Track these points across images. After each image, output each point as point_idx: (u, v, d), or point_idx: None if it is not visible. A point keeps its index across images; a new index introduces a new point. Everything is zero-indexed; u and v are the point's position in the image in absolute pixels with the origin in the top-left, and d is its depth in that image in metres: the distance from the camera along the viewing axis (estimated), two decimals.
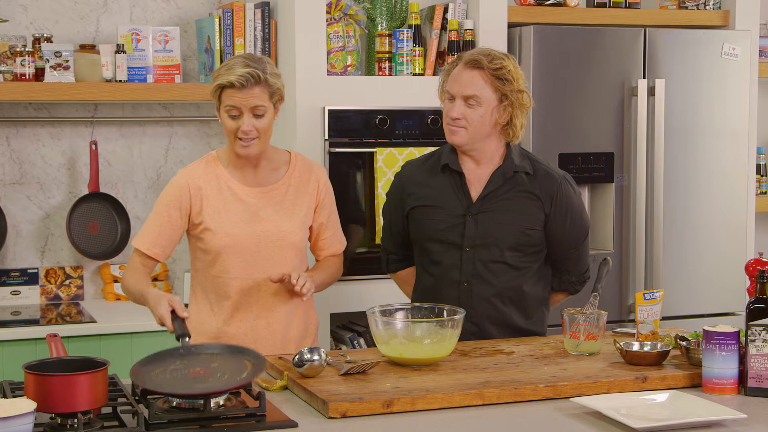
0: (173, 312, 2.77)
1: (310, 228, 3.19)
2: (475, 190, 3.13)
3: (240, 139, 3.00)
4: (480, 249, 3.11)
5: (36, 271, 4.32)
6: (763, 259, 3.03)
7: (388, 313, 2.90)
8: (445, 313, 2.88)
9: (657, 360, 2.76)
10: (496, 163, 3.15)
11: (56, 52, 4.03)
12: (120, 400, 2.43)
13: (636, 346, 2.82)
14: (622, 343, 2.82)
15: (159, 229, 3.08)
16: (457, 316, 2.79)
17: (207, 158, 3.15)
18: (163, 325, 2.81)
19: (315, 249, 3.26)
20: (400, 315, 2.91)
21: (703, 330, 2.63)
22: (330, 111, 4.06)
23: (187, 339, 2.67)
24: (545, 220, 3.13)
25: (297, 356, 2.65)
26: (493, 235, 3.10)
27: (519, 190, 3.12)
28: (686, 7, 4.71)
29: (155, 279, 4.38)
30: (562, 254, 3.20)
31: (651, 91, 4.39)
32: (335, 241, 3.26)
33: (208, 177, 3.09)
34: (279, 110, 3.08)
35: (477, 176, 3.15)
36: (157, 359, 2.52)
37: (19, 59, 3.98)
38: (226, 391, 2.40)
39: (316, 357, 2.64)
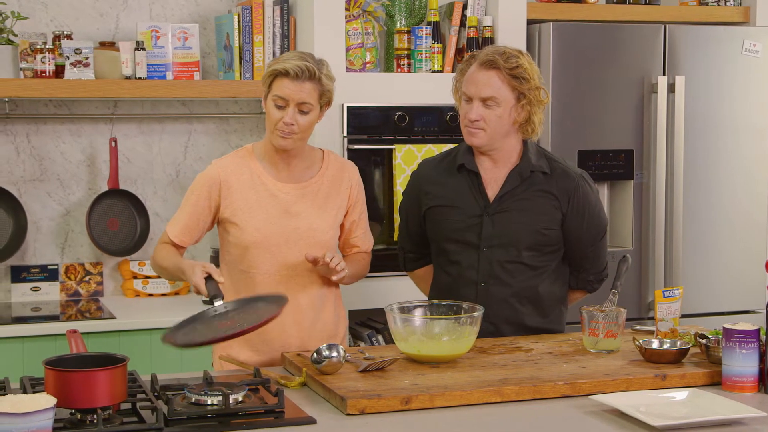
0: (208, 276, 2.82)
1: (341, 226, 3.19)
2: (492, 190, 3.13)
3: (279, 130, 3.00)
4: (497, 249, 3.10)
5: (56, 267, 4.34)
6: None
7: (406, 310, 2.90)
8: (463, 310, 2.88)
9: (676, 358, 2.75)
10: (513, 162, 3.13)
11: (76, 49, 4.05)
12: (139, 396, 2.44)
13: (655, 344, 2.81)
14: (641, 341, 2.81)
15: (188, 218, 3.11)
16: (475, 314, 2.79)
17: (242, 151, 3.15)
18: (198, 292, 2.86)
19: (345, 247, 3.25)
20: (418, 312, 2.91)
21: (723, 328, 2.62)
22: (349, 108, 4.06)
23: (220, 300, 2.74)
24: (562, 219, 3.12)
25: (315, 353, 2.65)
26: (510, 235, 3.09)
27: (536, 189, 3.11)
28: (707, 4, 4.69)
29: None
30: (580, 252, 3.19)
31: (671, 88, 4.38)
32: (366, 239, 3.26)
33: (241, 170, 3.09)
34: (324, 114, 3.09)
35: (494, 176, 3.14)
36: (189, 322, 2.66)
37: (39, 56, 4.00)
38: (250, 329, 2.50)
39: (334, 354, 2.64)
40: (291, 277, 3.08)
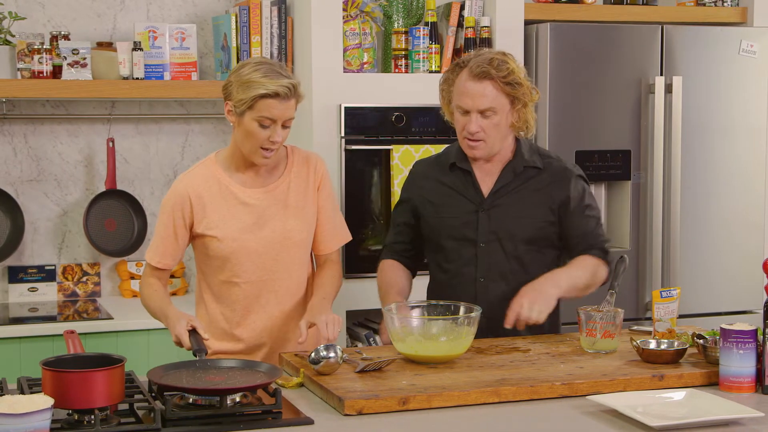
0: (192, 330, 2.78)
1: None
2: (486, 186, 3.16)
3: (265, 149, 2.95)
4: (494, 244, 3.12)
5: (53, 267, 4.34)
6: None
7: (404, 310, 2.90)
8: (461, 310, 2.88)
9: (674, 358, 2.75)
10: (507, 158, 3.16)
11: (74, 49, 4.04)
12: (137, 396, 2.44)
13: (653, 344, 2.81)
14: (638, 341, 2.81)
15: (164, 240, 3.06)
16: (473, 314, 2.79)
17: (206, 162, 3.10)
18: (178, 344, 2.82)
19: (321, 242, 3.16)
20: (416, 312, 2.91)
21: (721, 328, 2.62)
22: (346, 108, 4.06)
23: (203, 354, 2.68)
24: (557, 210, 3.13)
25: (313, 353, 2.65)
26: (506, 229, 3.12)
27: (529, 184, 3.15)
28: (704, 4, 4.69)
29: (172, 276, 4.39)
30: (573, 224, 3.16)
31: (668, 89, 4.38)
32: (341, 232, 3.18)
33: (208, 183, 3.04)
34: None
35: (487, 172, 3.17)
36: (174, 367, 2.55)
37: (36, 57, 4.00)
38: (242, 389, 2.40)
39: (332, 354, 2.64)
40: (273, 282, 3.06)
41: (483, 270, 3.13)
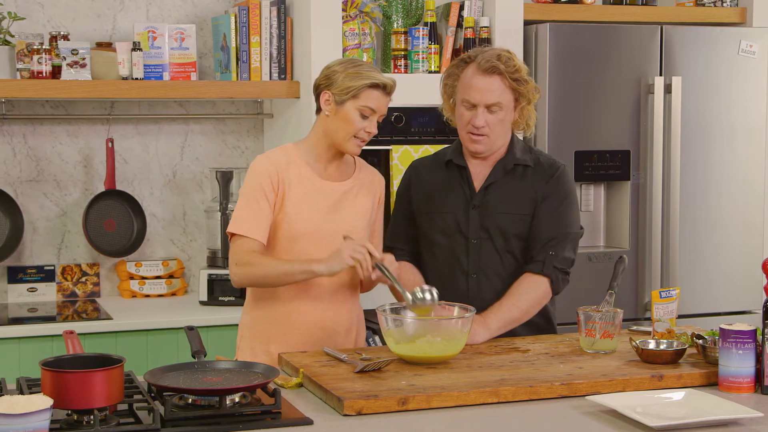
0: (191, 329, 2.78)
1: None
2: (478, 183, 3.19)
3: (359, 138, 3.04)
4: (485, 240, 3.15)
5: (52, 268, 4.34)
6: None
7: (398, 310, 2.91)
8: (455, 311, 2.89)
9: (673, 358, 2.75)
10: (500, 156, 3.19)
11: (73, 50, 4.04)
12: (136, 396, 2.44)
13: (652, 345, 2.81)
14: (638, 342, 2.81)
15: (254, 213, 3.05)
16: (467, 314, 2.79)
17: (285, 149, 3.15)
18: (360, 261, 2.89)
19: None
20: (410, 313, 2.90)
21: (720, 328, 2.62)
22: None
23: (202, 356, 2.68)
24: (540, 201, 3.14)
25: (410, 296, 2.80)
26: (496, 224, 3.14)
27: (518, 180, 3.17)
28: (703, 4, 4.70)
29: (171, 276, 4.39)
30: (538, 223, 3.14)
31: (668, 89, 4.38)
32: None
33: (288, 165, 3.10)
34: None
35: (481, 169, 3.20)
36: (171, 369, 2.55)
37: (36, 57, 4.00)
38: (241, 389, 2.40)
39: (428, 296, 2.79)
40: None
41: (474, 266, 3.15)
